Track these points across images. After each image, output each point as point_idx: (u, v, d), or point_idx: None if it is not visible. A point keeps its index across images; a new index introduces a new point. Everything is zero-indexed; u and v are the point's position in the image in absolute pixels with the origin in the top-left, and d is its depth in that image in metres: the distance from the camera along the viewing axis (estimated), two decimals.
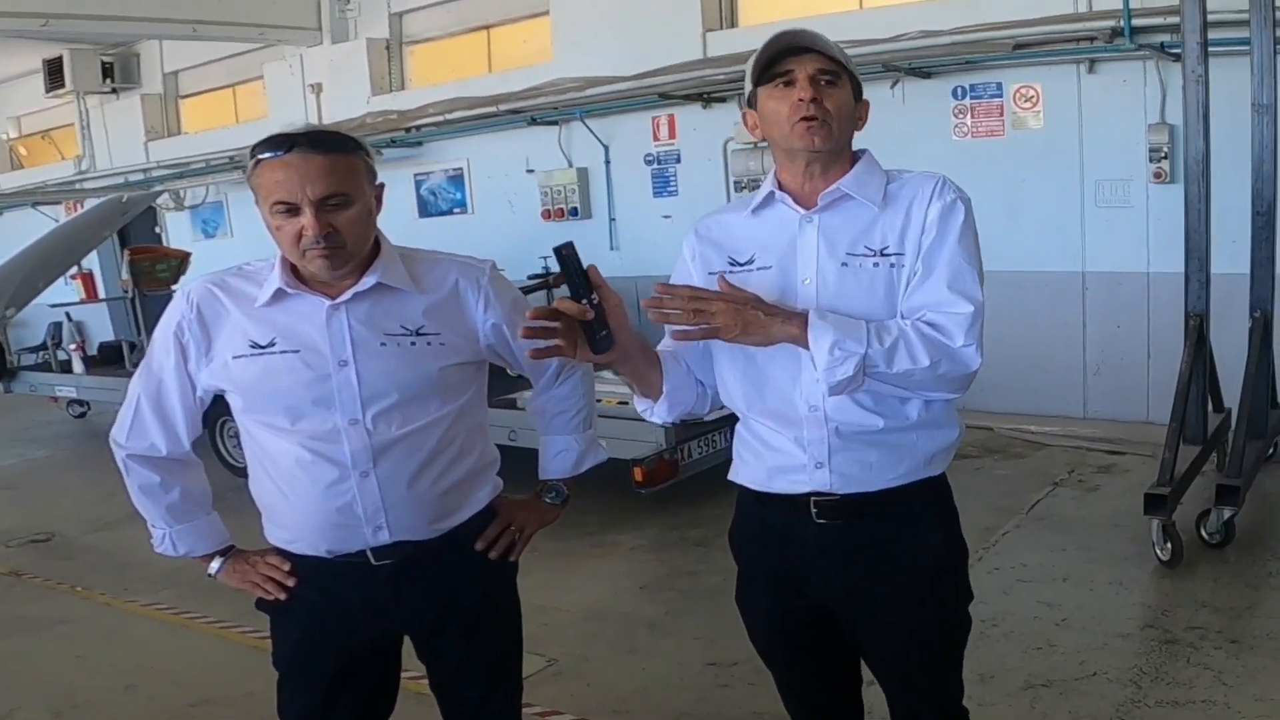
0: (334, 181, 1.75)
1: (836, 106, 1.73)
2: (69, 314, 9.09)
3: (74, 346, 8.53)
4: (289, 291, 1.85)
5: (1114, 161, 6.13)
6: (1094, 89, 6.16)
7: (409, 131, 9.23)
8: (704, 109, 7.72)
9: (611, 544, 5.03)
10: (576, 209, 8.36)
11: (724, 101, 7.57)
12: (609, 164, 8.31)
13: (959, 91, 6.60)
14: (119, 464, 2.00)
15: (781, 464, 1.81)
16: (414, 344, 1.88)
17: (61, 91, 11.84)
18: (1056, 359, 6.45)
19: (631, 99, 7.94)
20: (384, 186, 1.89)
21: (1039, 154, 6.34)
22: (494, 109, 8.60)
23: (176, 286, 8.01)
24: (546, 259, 7.80)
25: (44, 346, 9.13)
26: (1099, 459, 5.76)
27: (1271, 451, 5.10)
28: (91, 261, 9.67)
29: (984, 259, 1.74)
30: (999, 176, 6.26)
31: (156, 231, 12.00)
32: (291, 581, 1.97)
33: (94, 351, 8.85)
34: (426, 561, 1.94)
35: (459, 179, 9.29)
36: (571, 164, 8.44)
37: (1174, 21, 4.84)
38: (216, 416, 5.50)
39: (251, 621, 3.55)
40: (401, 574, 1.93)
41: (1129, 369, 6.27)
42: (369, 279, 1.86)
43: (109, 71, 11.98)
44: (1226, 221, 4.89)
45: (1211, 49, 4.50)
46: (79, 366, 8.35)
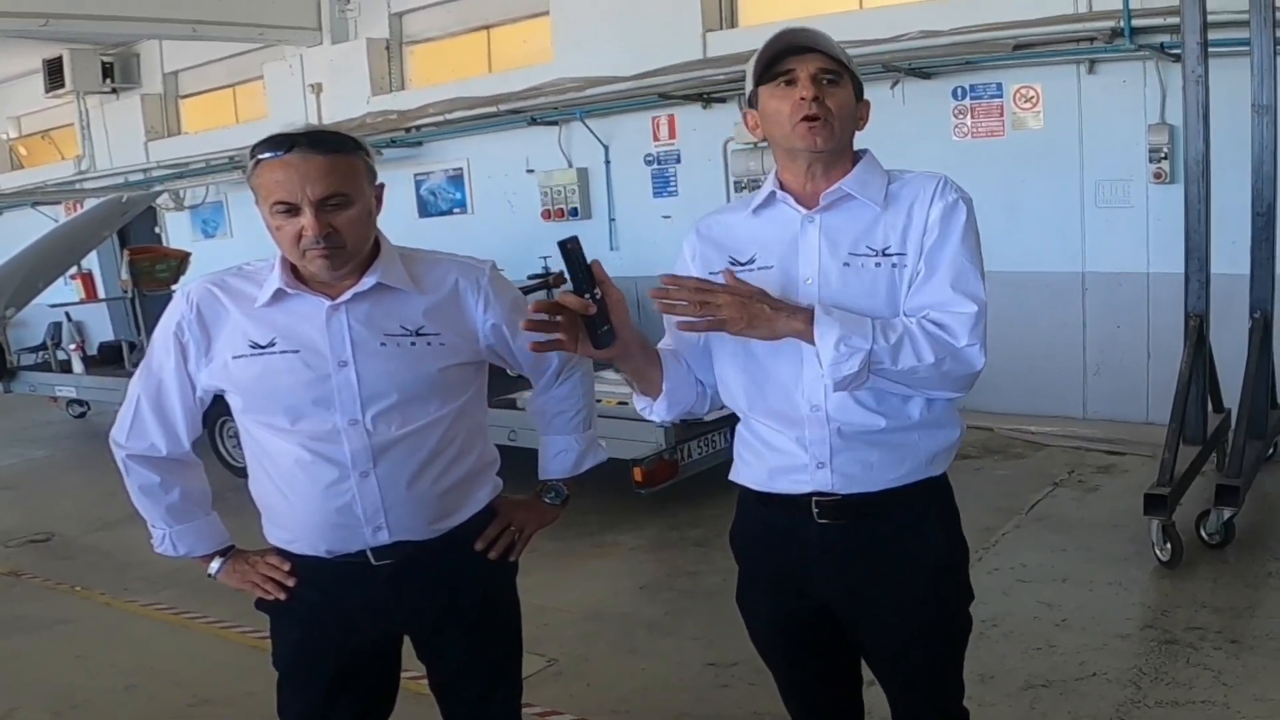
0: (334, 182, 1.75)
1: (838, 106, 1.72)
2: (69, 314, 9.08)
3: (74, 346, 8.52)
4: (289, 292, 1.85)
5: (1114, 162, 6.13)
6: (1094, 89, 6.16)
7: (409, 131, 9.22)
8: (704, 109, 7.72)
9: (611, 544, 5.03)
10: (576, 209, 8.36)
11: (724, 102, 7.57)
12: (609, 164, 8.31)
13: (959, 92, 6.60)
14: (119, 464, 2.01)
15: (783, 464, 1.80)
16: (414, 344, 1.88)
17: (61, 91, 11.82)
18: (1056, 359, 6.45)
19: (631, 99, 7.93)
20: (384, 186, 1.89)
21: (1039, 154, 6.34)
22: (494, 109, 8.59)
23: (176, 286, 8.01)
24: (546, 259, 7.80)
25: (44, 346, 9.13)
26: (1099, 459, 5.76)
27: (1271, 452, 5.10)
28: (91, 261, 9.67)
29: (984, 259, 1.74)
30: (999, 177, 6.26)
31: (156, 231, 12.00)
32: (291, 581, 1.97)
33: (94, 351, 8.84)
34: (426, 561, 1.94)
35: (459, 179, 9.29)
36: (571, 164, 8.43)
37: (1174, 22, 4.84)
38: (216, 417, 5.50)
39: (251, 621, 3.55)
40: (401, 574, 1.93)
41: (1129, 369, 6.27)
42: (369, 279, 1.86)
43: (109, 71, 11.97)
44: (1226, 222, 4.89)
45: (1211, 49, 4.50)
46: (78, 366, 8.35)
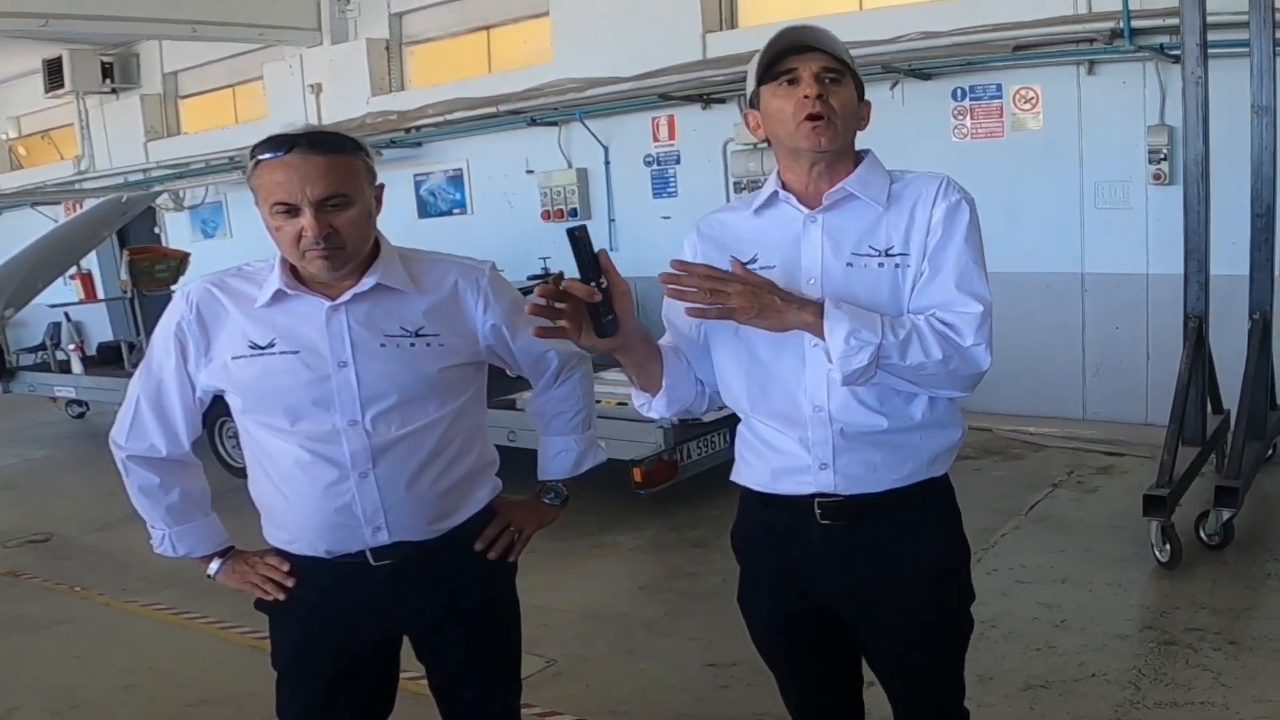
0: (334, 182, 1.75)
1: (841, 105, 1.72)
2: (68, 314, 9.07)
3: (73, 347, 8.52)
4: (289, 292, 1.85)
5: (1113, 163, 6.13)
6: (1093, 90, 6.16)
7: (409, 132, 9.22)
8: (704, 110, 7.72)
9: (610, 545, 5.03)
10: (576, 209, 8.34)
11: (724, 102, 7.58)
12: (608, 165, 8.30)
13: (959, 93, 6.60)
14: (118, 465, 2.01)
15: (785, 465, 1.80)
16: (413, 345, 1.88)
17: (61, 91, 11.81)
18: (1056, 360, 6.45)
19: (631, 100, 7.93)
20: (384, 187, 1.89)
21: (1038, 155, 6.34)
22: (494, 109, 8.59)
23: (176, 287, 8.01)
24: (546, 260, 7.80)
25: (43, 347, 9.13)
26: (1098, 460, 5.76)
27: (1270, 453, 5.10)
28: (91, 262, 9.66)
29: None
30: (998, 178, 6.25)
31: (156, 232, 11.99)
32: (290, 582, 1.97)
33: (93, 352, 8.84)
34: (426, 562, 1.94)
35: (458, 179, 9.28)
36: (571, 165, 8.43)
37: (1173, 23, 4.84)
38: (215, 417, 5.50)
39: (251, 622, 3.55)
40: (401, 574, 1.93)
41: (1128, 370, 6.27)
42: (368, 280, 1.86)
43: (109, 72, 11.96)
44: (1226, 223, 4.89)
45: (1211, 51, 4.50)
46: (78, 367, 8.35)
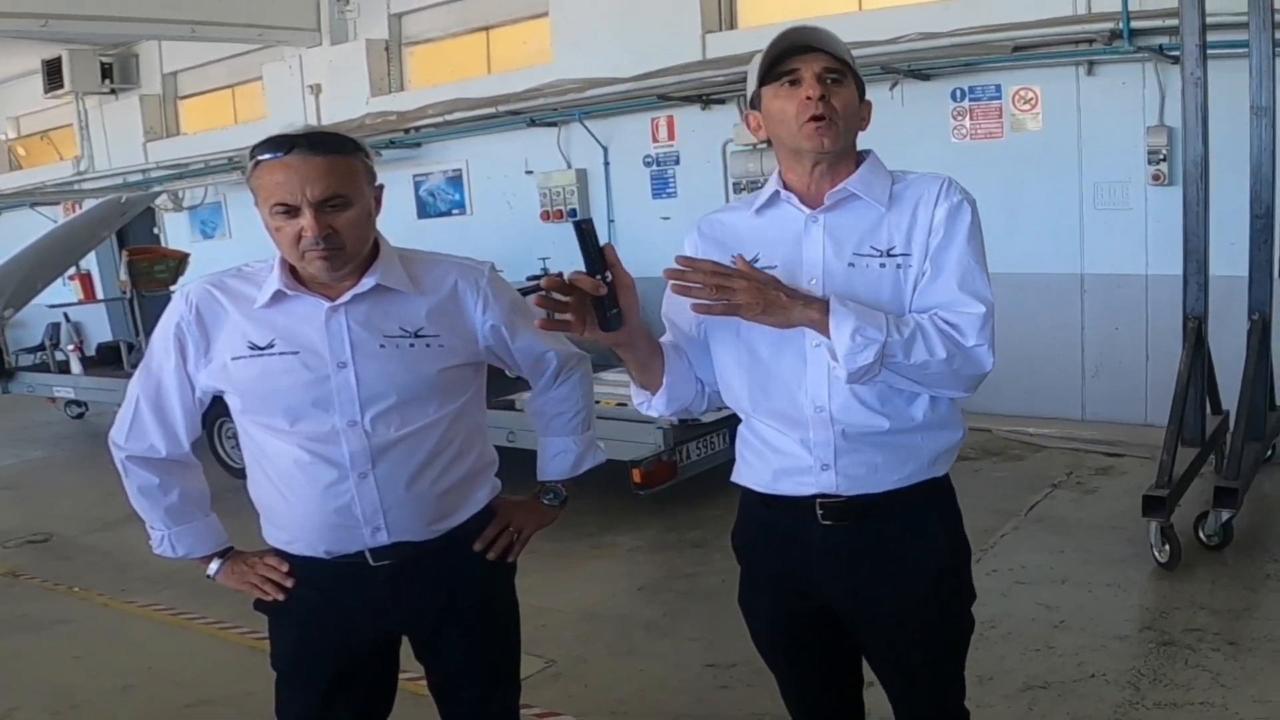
0: (333, 183, 1.75)
1: (843, 105, 1.72)
2: (67, 314, 9.08)
3: (72, 347, 8.52)
4: (288, 293, 1.85)
5: (1113, 164, 6.13)
6: (1093, 91, 6.16)
7: (408, 132, 9.22)
8: (703, 110, 7.72)
9: (610, 545, 5.03)
10: (575, 210, 8.34)
11: (723, 103, 7.58)
12: (608, 165, 8.31)
13: (958, 94, 6.60)
14: (118, 465, 2.01)
15: (787, 466, 1.80)
16: (413, 346, 1.88)
17: (60, 92, 11.81)
18: (1055, 361, 6.45)
19: (631, 100, 7.94)
20: (383, 188, 1.89)
21: (1038, 156, 6.35)
22: (493, 110, 8.59)
23: (175, 287, 8.01)
24: (545, 260, 7.81)
25: (42, 347, 9.14)
26: (1097, 461, 5.76)
27: (1270, 453, 5.10)
28: (90, 262, 9.67)
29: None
30: (998, 179, 6.26)
31: (155, 232, 11.99)
32: (290, 582, 1.97)
33: (92, 352, 8.84)
34: (425, 562, 1.94)
35: (458, 180, 9.29)
36: (570, 165, 8.43)
37: (1173, 24, 4.84)
38: (215, 418, 5.50)
39: (250, 622, 3.55)
40: (400, 575, 1.93)
41: (1127, 371, 6.27)
42: (368, 281, 1.86)
43: (108, 72, 11.96)
44: (1225, 224, 4.90)
45: (1210, 51, 4.51)
46: (77, 367, 8.34)
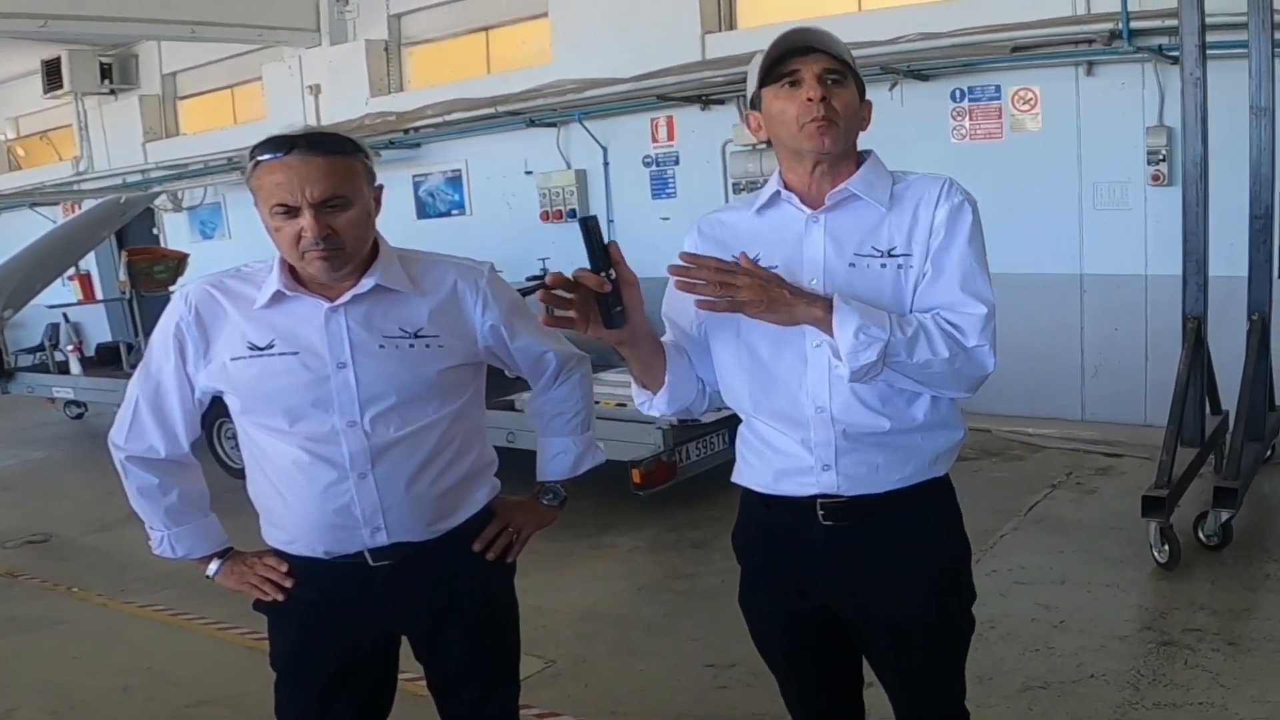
0: (333, 183, 1.75)
1: (844, 106, 1.72)
2: (66, 315, 9.08)
3: (71, 347, 8.53)
4: (287, 293, 1.85)
5: (1112, 164, 6.13)
6: (1092, 91, 6.16)
7: (407, 133, 9.22)
8: (703, 111, 7.72)
9: (609, 546, 5.03)
10: (575, 210, 8.35)
11: (723, 103, 7.58)
12: (607, 165, 8.31)
13: (957, 94, 6.61)
14: (117, 466, 2.00)
15: (788, 466, 1.80)
16: (412, 346, 1.88)
17: (60, 92, 11.80)
18: (1054, 361, 6.45)
19: (630, 101, 7.94)
20: (383, 188, 1.89)
21: (1037, 156, 6.35)
22: (493, 110, 8.59)
23: (174, 288, 8.01)
24: (545, 260, 7.81)
25: (41, 347, 9.13)
26: (1097, 461, 5.76)
27: (1269, 454, 5.10)
28: (89, 262, 9.67)
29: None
30: (997, 179, 6.25)
31: (154, 233, 11.99)
32: (289, 583, 1.97)
33: (91, 353, 8.84)
34: (425, 562, 1.94)
35: (457, 180, 9.28)
36: (570, 165, 8.44)
37: (1172, 24, 4.85)
38: (214, 418, 5.50)
39: (249, 622, 3.55)
40: (399, 575, 1.93)
41: (1127, 371, 6.28)
42: (368, 281, 1.86)
43: (107, 72, 11.95)
44: (1224, 224, 4.90)
45: (1210, 52, 4.51)
46: (76, 367, 8.34)
